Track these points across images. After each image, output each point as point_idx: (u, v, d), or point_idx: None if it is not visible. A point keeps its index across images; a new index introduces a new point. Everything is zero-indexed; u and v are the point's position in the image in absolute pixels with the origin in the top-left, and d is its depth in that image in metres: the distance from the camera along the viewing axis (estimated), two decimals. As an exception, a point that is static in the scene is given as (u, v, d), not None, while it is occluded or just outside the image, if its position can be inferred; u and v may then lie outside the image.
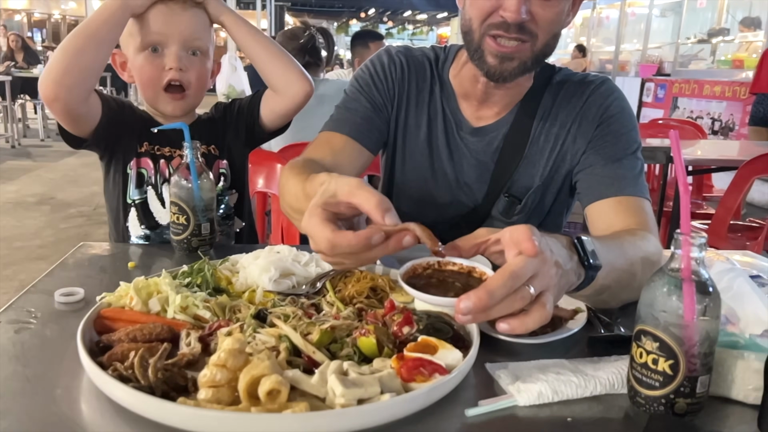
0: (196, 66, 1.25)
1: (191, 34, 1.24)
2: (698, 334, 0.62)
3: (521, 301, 0.67)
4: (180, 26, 1.22)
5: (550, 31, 1.06)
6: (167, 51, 1.22)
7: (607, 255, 0.82)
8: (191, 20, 1.23)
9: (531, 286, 0.67)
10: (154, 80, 1.23)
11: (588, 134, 1.18)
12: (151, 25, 1.21)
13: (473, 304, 0.64)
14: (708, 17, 8.60)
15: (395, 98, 1.27)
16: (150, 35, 1.21)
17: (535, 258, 0.68)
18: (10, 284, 3.40)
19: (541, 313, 0.68)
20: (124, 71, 1.30)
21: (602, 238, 0.94)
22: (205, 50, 1.28)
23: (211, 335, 0.74)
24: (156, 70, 1.23)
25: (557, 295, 0.73)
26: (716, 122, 6.71)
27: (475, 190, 1.25)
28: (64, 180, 6.12)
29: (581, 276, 0.79)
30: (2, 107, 8.16)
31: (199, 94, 1.29)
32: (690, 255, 0.63)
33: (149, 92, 1.25)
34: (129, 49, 1.25)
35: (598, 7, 11.47)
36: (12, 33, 10.10)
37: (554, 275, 0.70)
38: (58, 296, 0.90)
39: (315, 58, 2.66)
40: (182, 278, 0.89)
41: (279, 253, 0.97)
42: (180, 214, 1.11)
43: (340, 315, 0.81)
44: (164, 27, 1.21)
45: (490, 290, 0.65)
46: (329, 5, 24.20)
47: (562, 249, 0.76)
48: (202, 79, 1.28)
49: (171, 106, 1.26)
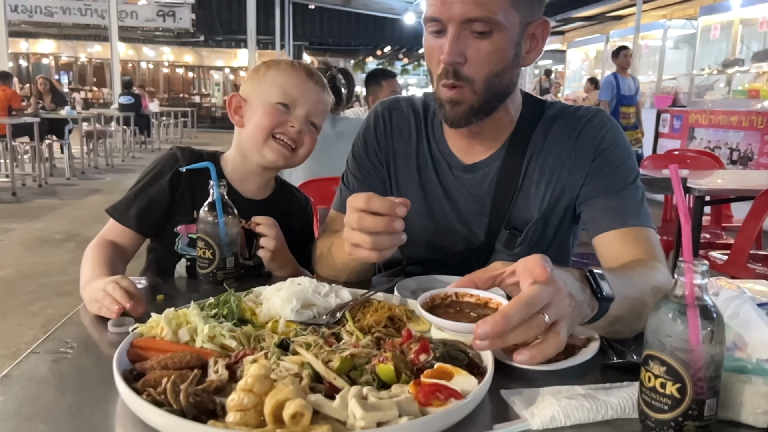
0: (310, 134, 1.34)
1: (317, 107, 1.34)
2: (704, 358, 0.65)
3: (536, 328, 0.71)
4: (313, 97, 1.33)
5: (488, 71, 1.09)
6: (295, 112, 1.31)
7: (619, 286, 0.86)
8: (320, 97, 1.35)
9: (546, 314, 0.71)
10: (272, 128, 1.29)
11: (585, 167, 1.21)
12: (290, 88, 1.31)
13: (490, 329, 0.68)
14: (722, 48, 8.65)
15: (384, 156, 1.35)
16: (287, 95, 1.30)
17: (548, 287, 0.72)
18: (37, 320, 3.48)
19: (556, 341, 0.72)
20: (235, 114, 1.36)
21: (613, 269, 0.98)
22: (318, 126, 1.36)
23: (237, 363, 0.78)
24: (279, 120, 1.30)
25: (571, 325, 0.76)
26: (734, 152, 6.69)
27: (477, 225, 1.28)
28: (89, 217, 6.26)
29: (595, 308, 0.82)
30: (30, 147, 8.43)
31: (299, 160, 1.35)
32: (693, 282, 0.66)
33: (261, 135, 1.30)
34: (254, 97, 1.32)
35: (611, 41, 11.60)
36: (41, 77, 10.47)
37: (567, 305, 0.74)
38: (111, 327, 0.96)
39: (335, 97, 2.78)
40: (209, 309, 0.93)
41: (300, 285, 1.01)
42: (206, 248, 1.17)
43: (360, 343, 0.84)
44: (300, 92, 1.31)
45: (507, 315, 0.68)
46: (346, 44, 24.72)
47: (575, 282, 0.79)
48: (310, 147, 1.35)
49: (275, 155, 1.30)
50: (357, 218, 0.97)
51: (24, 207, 6.79)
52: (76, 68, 26.83)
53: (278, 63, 1.36)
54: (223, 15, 20.90)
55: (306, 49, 25.54)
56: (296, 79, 1.32)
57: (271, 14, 17.20)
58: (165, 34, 24.31)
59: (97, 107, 18.64)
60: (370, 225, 0.96)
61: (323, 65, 2.82)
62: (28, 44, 24.75)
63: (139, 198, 1.31)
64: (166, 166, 1.33)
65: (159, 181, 1.32)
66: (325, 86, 1.38)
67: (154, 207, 1.31)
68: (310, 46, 25.46)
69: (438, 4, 1.06)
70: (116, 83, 14.88)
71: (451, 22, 1.05)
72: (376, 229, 0.96)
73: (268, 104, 1.30)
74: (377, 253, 0.98)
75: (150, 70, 27.32)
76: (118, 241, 1.29)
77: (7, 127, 7.30)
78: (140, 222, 1.30)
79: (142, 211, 1.30)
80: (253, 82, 1.35)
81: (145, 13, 23.05)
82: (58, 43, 25.01)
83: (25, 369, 0.82)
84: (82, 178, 8.99)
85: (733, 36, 8.23)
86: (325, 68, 2.80)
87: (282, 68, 1.34)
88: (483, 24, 1.05)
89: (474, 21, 1.04)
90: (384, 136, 1.35)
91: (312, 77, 1.34)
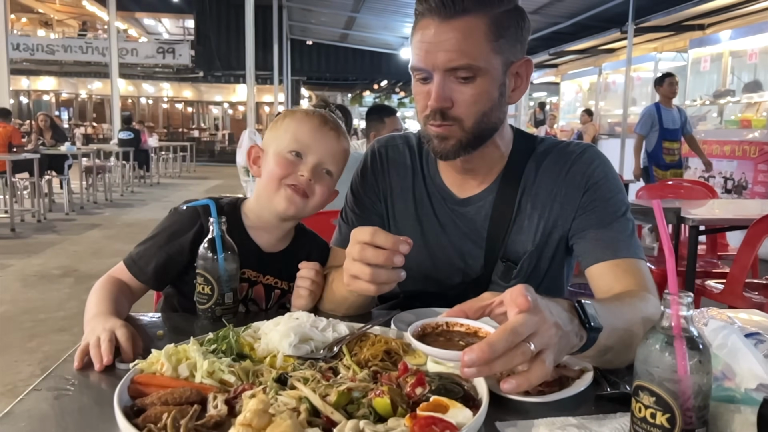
0: (324, 182, 1.32)
1: (331, 155, 1.32)
2: (691, 388, 0.66)
3: (522, 356, 0.73)
4: (325, 144, 1.31)
5: (475, 112, 1.14)
6: (306, 159, 1.29)
7: (608, 317, 0.88)
8: (335, 145, 1.33)
9: (531, 343, 0.73)
10: (284, 176, 1.28)
11: (575, 201, 1.24)
12: (302, 135, 1.30)
13: (476, 356, 0.70)
14: (713, 79, 8.80)
15: (381, 192, 1.39)
16: (298, 143, 1.29)
17: (534, 316, 0.74)
18: (34, 356, 3.46)
19: (542, 369, 0.74)
20: (254, 165, 1.36)
21: (603, 300, 1.00)
22: (335, 174, 1.34)
23: (236, 398, 0.79)
24: (290, 169, 1.29)
25: (557, 354, 0.78)
26: (729, 181, 6.76)
27: (473, 258, 1.30)
28: (87, 252, 6.27)
29: (583, 338, 0.84)
30: (29, 183, 8.48)
31: (315, 208, 1.33)
32: (679, 313, 0.68)
33: (273, 185, 1.29)
34: (270, 147, 1.32)
35: (604, 73, 11.80)
36: (42, 113, 10.59)
37: (554, 335, 0.76)
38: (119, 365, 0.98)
39: None
40: (208, 345, 0.95)
41: (298, 319, 1.03)
42: (205, 284, 1.18)
43: (356, 377, 0.86)
44: (312, 140, 1.30)
45: (492, 343, 0.71)
46: (343, 78, 25.09)
47: (563, 312, 0.81)
48: (324, 195, 1.33)
49: (286, 203, 1.28)
50: (359, 250, 1.00)
51: (23, 243, 6.80)
52: (77, 104, 27.15)
53: (294, 112, 1.37)
54: (222, 51, 21.24)
55: (304, 83, 25.91)
56: (308, 127, 1.31)
57: (270, 50, 17.48)
58: (164, 70, 24.69)
59: (96, 142, 18.77)
60: (372, 257, 0.99)
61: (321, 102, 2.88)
62: (29, 81, 25.07)
63: (157, 255, 1.29)
64: (186, 227, 1.31)
65: (179, 239, 1.30)
66: (342, 132, 1.36)
67: (171, 265, 1.30)
68: (308, 81, 25.84)
69: (422, 55, 1.11)
70: (116, 119, 15.05)
71: (436, 70, 1.11)
72: (377, 262, 0.99)
73: (281, 153, 1.30)
74: (375, 286, 1.01)
75: (149, 105, 27.65)
76: (128, 283, 1.30)
77: (7, 163, 7.36)
78: (157, 279, 1.31)
79: (160, 268, 1.29)
80: (272, 132, 1.36)
81: (145, 50, 23.45)
82: (59, 79, 25.35)
83: (26, 406, 0.83)
84: (81, 213, 9.02)
85: (723, 67, 8.38)
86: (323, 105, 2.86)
87: (296, 117, 1.34)
88: (466, 71, 1.10)
89: (457, 69, 1.10)
90: (381, 172, 1.39)
91: (326, 124, 1.33)
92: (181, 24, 29.05)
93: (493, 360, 0.71)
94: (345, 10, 14.35)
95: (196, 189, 2.20)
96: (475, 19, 1.09)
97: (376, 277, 0.99)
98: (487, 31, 1.09)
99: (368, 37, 17.76)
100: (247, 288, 1.33)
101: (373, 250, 0.99)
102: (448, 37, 1.08)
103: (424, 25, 1.11)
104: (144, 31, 30.07)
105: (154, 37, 29.20)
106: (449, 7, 1.07)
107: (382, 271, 1.00)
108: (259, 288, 1.35)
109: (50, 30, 27.80)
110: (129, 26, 27.42)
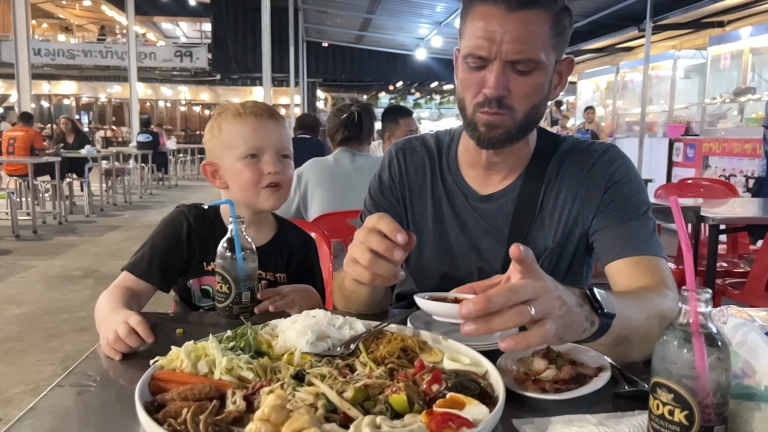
0: (287, 164, 1.40)
1: (281, 142, 1.39)
2: (710, 384, 0.66)
3: (520, 316, 0.74)
4: (273, 137, 1.37)
5: (528, 104, 1.15)
6: (264, 158, 1.35)
7: (623, 307, 0.89)
8: (280, 131, 1.40)
9: (532, 307, 0.74)
10: (255, 182, 1.35)
11: (596, 199, 1.24)
12: (250, 138, 1.35)
13: (474, 307, 0.72)
14: (734, 76, 8.67)
15: (400, 193, 1.39)
16: (249, 146, 1.35)
17: (535, 282, 0.76)
18: (56, 356, 3.52)
19: (542, 333, 0.75)
20: (215, 179, 1.41)
21: (618, 293, 1.00)
22: (291, 155, 1.42)
23: (254, 394, 0.80)
24: (256, 173, 1.35)
25: (563, 330, 0.79)
26: (750, 179, 6.66)
27: (493, 256, 1.30)
28: (107, 254, 6.36)
29: (595, 323, 0.84)
30: (51, 186, 8.62)
31: (287, 192, 1.41)
32: (697, 310, 0.68)
33: (251, 193, 1.36)
34: (225, 159, 1.37)
35: (621, 71, 11.69)
36: (64, 117, 10.77)
37: (557, 306, 0.77)
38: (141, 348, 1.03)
39: (353, 133, 2.89)
40: (227, 342, 0.96)
41: (315, 317, 1.04)
42: (223, 283, 1.20)
43: (373, 374, 0.86)
44: (261, 138, 1.36)
45: (489, 296, 0.72)
46: (359, 80, 25.15)
47: (572, 295, 0.83)
48: (291, 175, 1.42)
49: (271, 201, 1.37)
50: (365, 234, 0.99)
51: (44, 244, 6.92)
52: (96, 108, 27.54)
53: (224, 115, 1.39)
54: (238, 54, 21.41)
55: (320, 85, 26.02)
56: (250, 127, 1.36)
57: (286, 52, 17.59)
58: (182, 73, 24.95)
59: (116, 145, 19.04)
60: (374, 243, 0.97)
61: (349, 101, 2.94)
62: (50, 86, 25.49)
63: (158, 254, 1.35)
64: (178, 223, 1.39)
65: (175, 238, 1.38)
66: (273, 112, 1.41)
67: (174, 261, 1.37)
68: (324, 83, 25.95)
69: (485, 45, 1.10)
70: (135, 122, 15.25)
71: (497, 59, 1.11)
72: (378, 249, 0.97)
73: (240, 161, 1.35)
74: (370, 274, 0.99)
75: (167, 108, 27.96)
76: (133, 287, 1.32)
77: (29, 166, 7.49)
78: (162, 274, 1.35)
79: (162, 262, 1.35)
80: (215, 141, 1.39)
81: (163, 54, 23.72)
82: (79, 83, 25.74)
83: (50, 401, 0.85)
84: (101, 215, 9.15)
85: (744, 65, 8.26)
86: (350, 104, 2.93)
87: (231, 121, 1.37)
88: (526, 64, 1.11)
89: (519, 61, 1.11)
90: (399, 174, 1.40)
91: (262, 116, 1.38)
92: (198, 27, 29.35)
93: (491, 316, 0.73)
94: (360, 12, 14.38)
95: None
96: (542, 13, 1.10)
97: (374, 265, 0.98)
98: (550, 27, 1.11)
99: (383, 38, 17.78)
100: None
101: (378, 237, 0.97)
102: (514, 27, 1.08)
103: (486, 12, 1.10)
104: (162, 35, 30.44)
105: (172, 40, 29.53)
106: None
107: (380, 261, 0.98)
108: None
109: (70, 35, 28.24)
110: (147, 30, 27.79)
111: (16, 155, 8.00)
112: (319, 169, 2.77)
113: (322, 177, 2.74)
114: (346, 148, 2.85)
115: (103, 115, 27.44)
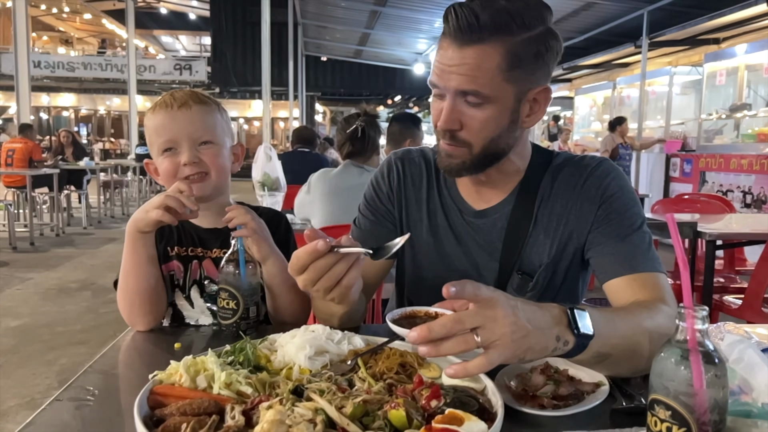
0: (209, 153, 1.33)
1: (196, 131, 1.32)
2: (707, 402, 0.66)
3: (464, 344, 0.80)
4: (186, 127, 1.31)
5: (483, 137, 1.16)
6: (180, 149, 1.31)
7: (606, 324, 0.90)
8: (193, 119, 1.32)
9: (477, 335, 0.80)
10: (173, 174, 1.32)
11: (591, 214, 1.24)
12: (162, 131, 1.32)
13: (417, 334, 0.80)
14: (729, 93, 8.74)
15: (396, 200, 1.40)
16: (162, 139, 1.31)
17: (484, 311, 0.81)
18: (52, 368, 3.49)
19: (480, 362, 0.81)
20: (158, 175, 1.38)
21: (607, 309, 1.01)
22: (217, 141, 1.35)
23: (253, 409, 0.80)
24: (174, 166, 1.31)
25: (520, 351, 0.82)
26: (747, 195, 6.69)
27: (487, 270, 1.31)
28: (104, 266, 6.34)
29: (569, 342, 0.87)
30: (48, 197, 8.62)
31: (221, 176, 1.35)
32: (694, 327, 0.68)
33: (170, 185, 1.31)
34: (153, 154, 1.36)
35: (618, 87, 11.77)
36: (63, 130, 10.79)
37: (508, 333, 0.80)
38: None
39: (356, 148, 2.93)
40: (226, 357, 0.96)
41: (314, 332, 1.04)
42: (230, 299, 1.20)
43: (372, 390, 0.86)
44: (172, 131, 1.31)
45: (431, 327, 0.80)
46: (357, 93, 25.24)
47: (544, 316, 0.86)
48: (220, 163, 1.35)
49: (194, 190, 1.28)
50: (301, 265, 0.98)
51: (41, 256, 6.90)
52: (95, 120, 27.56)
53: (148, 111, 1.36)
54: (237, 68, 21.52)
55: (318, 99, 26.13)
56: (159, 120, 1.32)
57: (285, 66, 17.68)
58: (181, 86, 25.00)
59: (114, 157, 19.05)
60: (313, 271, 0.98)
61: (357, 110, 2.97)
62: (50, 98, 25.53)
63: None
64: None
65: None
66: (188, 98, 1.34)
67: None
68: (323, 97, 26.05)
69: (438, 74, 1.14)
70: (133, 134, 15.29)
71: (448, 91, 1.13)
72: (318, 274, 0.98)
73: (160, 156, 1.33)
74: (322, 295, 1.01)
75: (166, 121, 27.89)
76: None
77: (27, 178, 7.49)
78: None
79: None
80: (147, 139, 1.39)
81: (162, 67, 23.81)
82: (78, 96, 25.78)
83: (48, 416, 0.85)
84: (99, 228, 9.14)
85: (739, 81, 8.33)
86: (357, 114, 2.96)
87: (149, 116, 1.35)
88: (475, 96, 1.12)
89: (467, 93, 1.12)
90: (397, 182, 1.41)
91: (171, 107, 1.32)
92: (198, 41, 29.49)
93: (439, 342, 0.80)
94: (359, 27, 14.50)
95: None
96: (490, 49, 1.09)
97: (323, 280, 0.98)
98: (501, 62, 1.10)
99: (382, 53, 17.91)
100: (198, 265, 1.38)
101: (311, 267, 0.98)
102: (461, 62, 1.10)
103: (444, 45, 1.13)
104: (161, 49, 30.58)
105: (172, 54, 29.68)
106: (466, 34, 1.09)
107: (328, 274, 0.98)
108: (209, 262, 1.39)
109: (70, 48, 28.38)
110: (147, 44, 27.91)
111: (14, 167, 8.01)
112: (325, 180, 2.82)
113: (327, 189, 2.77)
114: (353, 162, 2.88)
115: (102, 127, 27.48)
